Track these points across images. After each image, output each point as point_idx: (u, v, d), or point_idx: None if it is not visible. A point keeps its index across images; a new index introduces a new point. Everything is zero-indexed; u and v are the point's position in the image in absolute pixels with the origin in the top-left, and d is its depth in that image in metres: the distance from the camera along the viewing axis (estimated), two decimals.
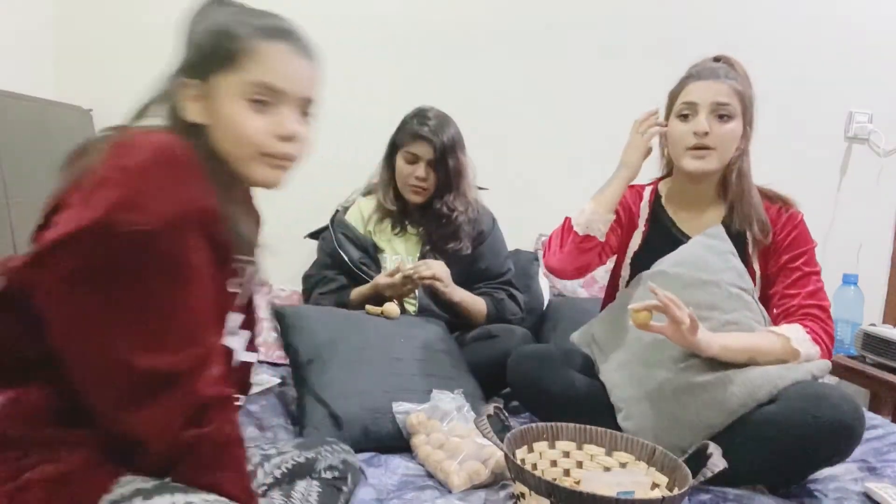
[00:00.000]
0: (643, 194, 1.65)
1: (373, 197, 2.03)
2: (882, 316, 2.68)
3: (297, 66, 0.93)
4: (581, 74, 2.49)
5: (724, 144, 1.46)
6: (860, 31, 2.57)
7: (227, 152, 0.91)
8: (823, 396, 1.28)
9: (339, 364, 1.56)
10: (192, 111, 0.91)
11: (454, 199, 1.91)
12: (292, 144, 0.93)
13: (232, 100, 0.90)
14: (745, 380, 1.34)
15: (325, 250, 2.01)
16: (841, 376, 2.43)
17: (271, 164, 0.92)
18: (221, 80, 0.90)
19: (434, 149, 1.86)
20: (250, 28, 0.90)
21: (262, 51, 0.90)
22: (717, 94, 1.45)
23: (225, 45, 0.90)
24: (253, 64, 0.89)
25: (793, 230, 1.51)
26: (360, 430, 1.43)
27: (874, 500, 1.32)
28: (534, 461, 1.25)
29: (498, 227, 2.07)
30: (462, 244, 1.93)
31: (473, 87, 2.42)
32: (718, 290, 1.45)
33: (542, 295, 2.25)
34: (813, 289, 1.47)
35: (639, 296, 1.50)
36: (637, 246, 1.60)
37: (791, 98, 2.54)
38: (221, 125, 0.90)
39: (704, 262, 1.47)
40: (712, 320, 1.42)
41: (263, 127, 0.91)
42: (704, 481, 1.06)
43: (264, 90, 0.90)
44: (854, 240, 2.63)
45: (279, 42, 0.91)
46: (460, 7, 2.43)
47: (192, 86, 0.90)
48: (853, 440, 1.28)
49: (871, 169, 2.64)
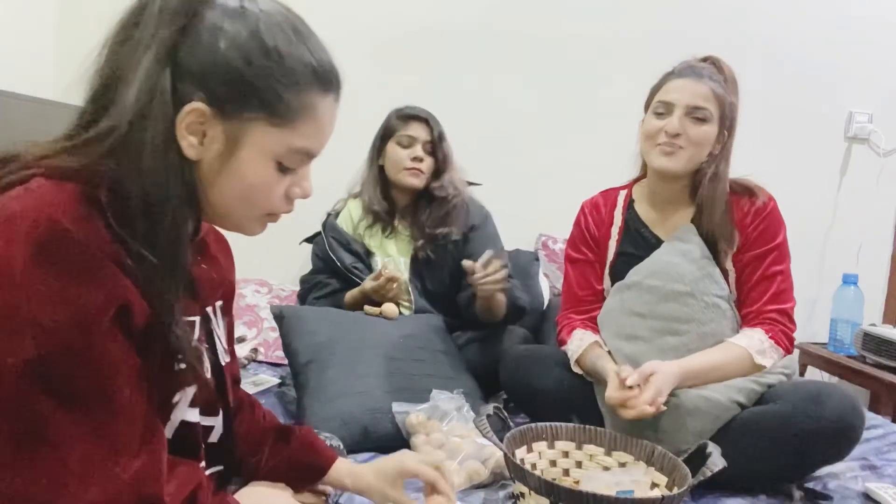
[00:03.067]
0: (617, 200, 1.61)
1: (361, 198, 2.02)
2: (882, 316, 2.68)
3: (335, 118, 0.77)
4: (581, 74, 2.49)
5: (694, 146, 1.42)
6: (860, 32, 2.57)
7: (225, 206, 0.75)
8: (824, 395, 1.30)
9: (339, 364, 1.56)
10: (189, 146, 0.69)
11: (449, 181, 1.94)
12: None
13: (262, 156, 0.72)
14: (723, 385, 1.38)
15: (318, 255, 2.00)
16: (841, 376, 2.43)
17: (268, 221, 0.80)
18: (256, 128, 0.71)
19: (430, 128, 1.90)
20: (311, 73, 0.72)
21: (318, 108, 0.74)
22: (695, 97, 1.41)
23: (280, 91, 0.70)
24: (306, 126, 0.73)
25: (760, 223, 1.46)
26: (360, 430, 1.43)
27: (874, 500, 1.32)
28: (533, 461, 1.25)
29: (491, 223, 2.05)
30: (451, 229, 1.92)
31: (473, 86, 2.42)
32: (695, 302, 1.43)
33: (542, 295, 2.25)
34: (776, 290, 1.44)
35: (616, 307, 1.51)
36: (612, 256, 1.58)
37: (791, 98, 2.55)
38: (234, 178, 0.72)
39: (679, 271, 1.45)
40: (690, 333, 1.43)
41: (283, 190, 0.76)
42: (706, 484, 1.06)
43: (305, 159, 0.76)
44: (854, 240, 2.63)
45: (332, 92, 0.75)
46: (460, 6, 2.43)
47: (200, 113, 0.69)
48: (854, 439, 1.30)
49: (871, 169, 2.64)
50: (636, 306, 1.48)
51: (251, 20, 0.70)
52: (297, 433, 1.01)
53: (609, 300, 1.56)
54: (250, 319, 2.12)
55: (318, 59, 0.73)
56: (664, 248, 1.50)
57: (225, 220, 0.78)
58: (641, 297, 1.47)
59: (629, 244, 1.56)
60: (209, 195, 0.73)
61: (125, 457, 0.65)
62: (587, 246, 1.61)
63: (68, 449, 0.62)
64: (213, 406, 0.86)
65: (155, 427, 0.70)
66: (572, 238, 1.66)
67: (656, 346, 1.44)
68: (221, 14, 0.69)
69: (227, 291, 0.94)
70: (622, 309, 1.50)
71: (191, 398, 0.79)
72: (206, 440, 0.85)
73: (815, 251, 2.63)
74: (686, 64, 1.48)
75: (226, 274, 0.94)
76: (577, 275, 1.62)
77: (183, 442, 0.79)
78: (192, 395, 0.79)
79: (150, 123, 0.67)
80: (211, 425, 0.86)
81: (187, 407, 0.79)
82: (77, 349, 0.62)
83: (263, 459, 0.97)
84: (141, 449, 0.67)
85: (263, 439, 0.99)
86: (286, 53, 0.70)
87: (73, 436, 0.62)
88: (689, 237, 1.48)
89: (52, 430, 0.61)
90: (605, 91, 2.48)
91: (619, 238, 1.58)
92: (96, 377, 0.64)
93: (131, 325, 0.66)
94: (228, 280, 0.95)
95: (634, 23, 2.48)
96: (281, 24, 0.71)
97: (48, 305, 0.60)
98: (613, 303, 1.54)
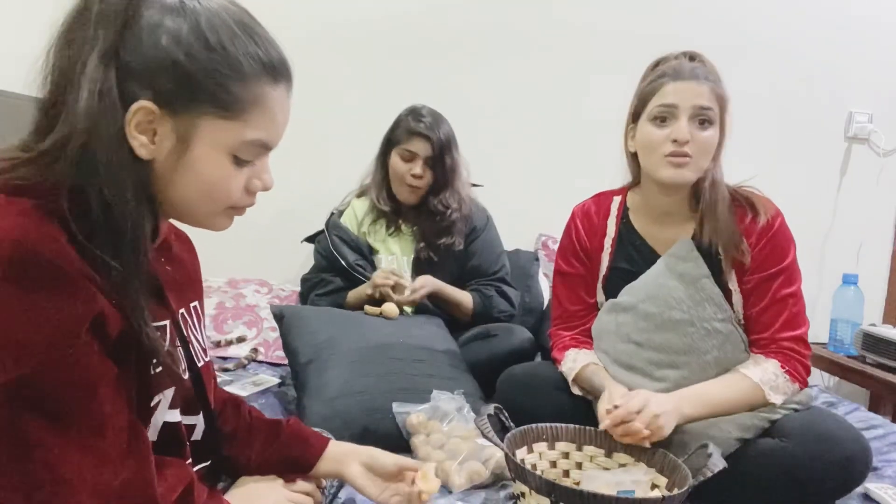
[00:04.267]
0: (610, 208, 1.52)
1: (366, 198, 2.03)
2: (882, 316, 2.68)
3: (288, 109, 0.77)
4: (582, 73, 2.48)
5: (702, 153, 1.34)
6: (860, 32, 2.57)
7: (186, 204, 0.75)
8: (833, 437, 1.25)
9: (339, 364, 1.56)
10: (140, 145, 0.69)
11: (448, 197, 1.92)
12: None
13: (215, 151, 0.72)
14: (730, 419, 1.31)
15: (321, 253, 2.01)
16: (841, 376, 2.43)
17: (233, 215, 0.79)
18: (207, 123, 0.70)
19: (432, 146, 1.87)
20: (258, 64, 0.72)
21: (269, 99, 0.73)
22: (699, 97, 1.32)
23: (228, 85, 0.70)
24: (257, 119, 0.73)
25: (767, 244, 1.36)
26: (360, 430, 1.43)
27: (874, 500, 1.32)
28: (533, 462, 1.25)
29: (492, 225, 2.07)
30: (454, 239, 1.93)
31: (473, 86, 2.42)
32: (694, 330, 1.35)
33: (542, 295, 2.25)
34: (788, 315, 1.36)
35: (611, 329, 1.45)
36: (605, 270, 1.50)
37: (791, 98, 2.55)
38: (191, 175, 0.72)
39: (676, 296, 1.36)
40: (691, 365, 1.36)
41: (241, 183, 0.75)
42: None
43: (260, 151, 0.75)
44: (854, 240, 2.64)
45: (281, 83, 0.75)
46: (459, 6, 2.43)
47: (148, 111, 0.68)
48: (861, 477, 1.28)
49: (871, 169, 2.64)
50: (632, 333, 1.40)
51: (191, 15, 0.69)
52: (284, 425, 1.02)
53: (604, 316, 1.48)
54: (250, 319, 2.11)
55: (265, 50, 0.73)
56: (659, 267, 1.41)
57: (188, 218, 0.78)
58: (637, 324, 1.39)
59: (623, 259, 1.48)
60: (168, 194, 0.73)
61: (114, 464, 0.66)
62: (578, 259, 1.52)
63: (58, 463, 0.63)
64: (192, 405, 0.86)
65: (139, 431, 0.71)
66: (562, 249, 1.56)
67: (656, 379, 1.37)
68: (161, 11, 0.69)
69: (197, 291, 0.94)
70: (618, 333, 1.42)
71: (171, 400, 0.80)
72: (189, 438, 0.86)
73: (815, 251, 2.62)
74: (678, 65, 1.37)
75: (193, 274, 0.94)
76: (567, 290, 1.54)
77: (168, 442, 0.80)
78: (172, 396, 0.80)
79: (102, 127, 0.66)
80: (193, 423, 0.87)
81: (167, 409, 0.80)
82: (57, 365, 0.63)
83: (253, 455, 0.98)
84: (128, 455, 0.68)
85: (252, 436, 0.99)
86: (230, 46, 0.70)
87: (62, 450, 0.63)
88: (685, 253, 1.39)
89: (40, 446, 0.62)
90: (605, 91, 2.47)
91: (612, 251, 1.49)
92: (79, 390, 0.64)
93: (106, 335, 0.67)
94: (196, 279, 0.96)
95: (635, 23, 2.47)
96: (223, 17, 0.71)
97: (24, 325, 0.61)
98: (608, 322, 1.46)
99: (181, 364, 0.81)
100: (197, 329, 0.91)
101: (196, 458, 0.88)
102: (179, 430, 0.83)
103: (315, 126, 2.18)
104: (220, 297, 2.15)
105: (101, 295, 0.65)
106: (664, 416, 1.23)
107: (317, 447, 1.01)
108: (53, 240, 0.63)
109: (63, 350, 0.63)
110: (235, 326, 2.07)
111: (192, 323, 0.89)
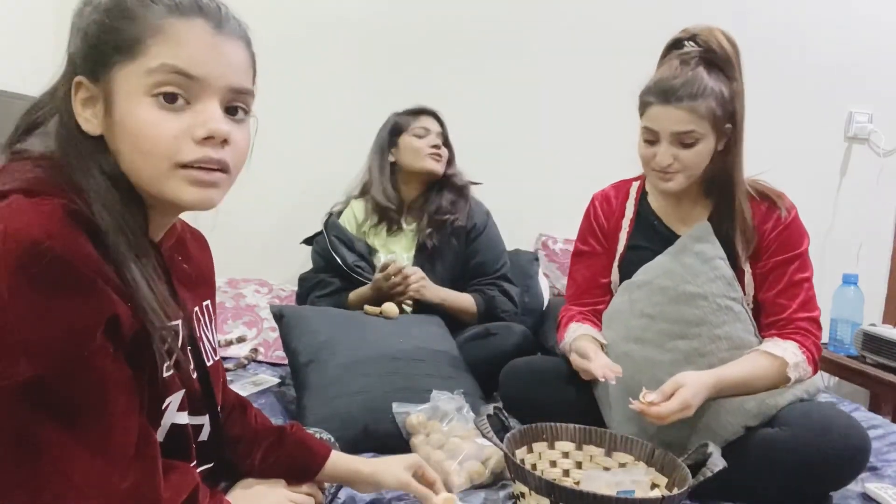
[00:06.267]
0: (630, 192, 1.58)
1: (366, 198, 2.03)
2: (882, 316, 2.68)
3: (219, 45, 0.72)
4: (582, 73, 2.48)
5: (689, 168, 1.38)
6: (860, 32, 2.57)
7: (136, 172, 0.71)
8: (832, 426, 1.27)
9: (339, 364, 1.56)
10: (86, 121, 0.71)
11: (460, 171, 2.06)
12: (219, 149, 0.72)
13: (134, 98, 0.69)
14: (736, 408, 1.33)
15: (319, 254, 2.01)
16: (841, 376, 2.43)
17: (194, 179, 0.71)
18: (118, 75, 0.69)
19: (439, 121, 2.01)
20: (160, 6, 0.70)
21: (170, 29, 0.70)
22: (678, 124, 1.34)
23: (119, 26, 0.69)
24: (158, 46, 0.69)
25: (783, 231, 1.42)
26: (360, 430, 1.43)
27: (874, 500, 1.32)
28: (533, 461, 1.25)
29: (493, 222, 2.09)
30: (459, 215, 1.98)
31: (473, 86, 2.42)
32: (706, 304, 1.39)
33: (542, 294, 2.25)
34: (804, 298, 1.41)
35: (624, 308, 1.47)
36: (622, 248, 1.54)
37: (791, 98, 2.54)
38: (124, 135, 0.70)
39: (692, 271, 1.40)
40: (701, 337, 1.38)
41: (178, 129, 0.70)
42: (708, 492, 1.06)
43: (175, 78, 0.69)
44: (854, 240, 2.64)
45: (193, 17, 0.71)
46: (459, 6, 2.43)
47: (83, 86, 0.71)
48: (860, 467, 1.29)
49: (871, 169, 2.64)
50: (646, 307, 1.43)
51: None
52: (288, 432, 1.02)
53: (617, 299, 1.52)
54: (250, 319, 2.11)
55: None
56: (677, 246, 1.45)
57: (149, 188, 0.72)
58: (651, 298, 1.43)
59: (641, 237, 1.53)
60: (124, 167, 0.72)
61: (123, 467, 0.66)
62: (595, 238, 1.58)
63: (68, 464, 0.63)
64: (200, 406, 0.87)
65: (149, 435, 0.71)
66: (581, 231, 1.62)
67: (667, 350, 1.39)
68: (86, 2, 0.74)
69: (209, 289, 0.95)
70: (631, 310, 1.45)
71: (180, 402, 0.80)
72: (196, 439, 0.86)
73: (815, 251, 2.56)
74: (662, 80, 1.37)
75: (206, 272, 0.95)
76: (582, 268, 1.60)
77: (175, 443, 0.80)
78: (181, 398, 0.80)
79: (62, 115, 0.72)
80: (200, 424, 0.87)
81: (176, 411, 0.80)
82: (71, 366, 0.63)
83: (257, 461, 0.98)
84: (137, 458, 0.68)
85: (257, 441, 1.00)
86: (126, 1, 0.71)
87: (72, 451, 0.63)
88: (704, 235, 1.43)
89: (50, 446, 0.62)
90: (606, 91, 2.47)
91: (630, 230, 1.54)
92: (91, 392, 0.64)
93: (121, 337, 0.67)
94: (210, 277, 0.96)
95: (635, 22, 2.47)
96: None
97: (39, 326, 0.61)
98: (622, 303, 1.49)
99: (190, 364, 0.82)
100: (208, 328, 0.91)
101: (200, 460, 0.88)
102: (187, 432, 0.83)
103: (315, 126, 2.18)
104: (220, 297, 2.15)
105: (116, 296, 0.65)
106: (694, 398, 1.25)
107: (322, 454, 1.02)
108: (72, 240, 0.63)
109: (78, 352, 0.63)
110: (235, 326, 2.07)
111: (204, 321, 0.90)
